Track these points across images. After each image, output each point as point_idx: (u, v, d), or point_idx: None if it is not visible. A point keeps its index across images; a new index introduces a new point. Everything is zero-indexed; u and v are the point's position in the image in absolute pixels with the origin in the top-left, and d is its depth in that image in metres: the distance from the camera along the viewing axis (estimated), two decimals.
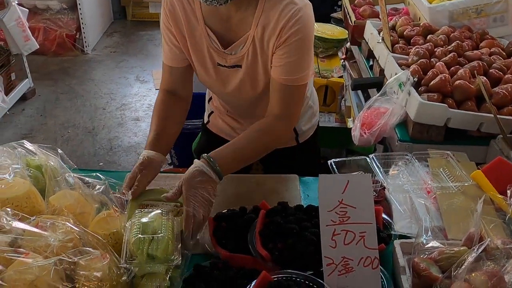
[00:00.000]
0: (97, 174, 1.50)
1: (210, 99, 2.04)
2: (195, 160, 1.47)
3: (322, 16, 4.00)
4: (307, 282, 1.22)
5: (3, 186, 1.35)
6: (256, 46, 1.58)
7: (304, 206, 1.49)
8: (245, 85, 1.69)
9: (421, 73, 2.01)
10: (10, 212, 1.26)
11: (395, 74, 2.05)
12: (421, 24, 2.42)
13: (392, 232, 1.46)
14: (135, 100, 5.01)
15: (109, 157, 4.15)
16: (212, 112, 2.05)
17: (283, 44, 1.52)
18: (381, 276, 1.26)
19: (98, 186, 1.46)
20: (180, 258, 1.27)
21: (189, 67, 1.74)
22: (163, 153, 1.61)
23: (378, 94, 2.07)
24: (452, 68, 2.03)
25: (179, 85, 1.76)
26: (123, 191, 1.46)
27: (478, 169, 1.62)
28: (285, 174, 1.83)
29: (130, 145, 4.31)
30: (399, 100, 1.95)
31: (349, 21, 2.92)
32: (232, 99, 1.83)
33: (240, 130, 1.91)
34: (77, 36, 5.96)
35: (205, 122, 2.12)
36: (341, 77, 3.10)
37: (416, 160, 1.69)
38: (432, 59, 2.11)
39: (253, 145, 1.60)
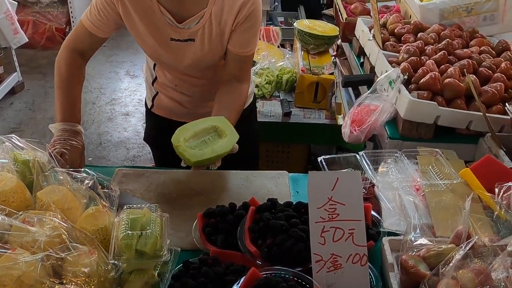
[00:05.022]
0: (86, 169, 1.48)
1: (154, 80, 2.07)
2: None
3: (314, 13, 4.00)
4: (295, 279, 1.22)
5: None
6: (212, 22, 1.73)
7: (294, 203, 1.49)
8: (198, 58, 1.82)
9: (411, 71, 2.02)
10: None
11: (386, 72, 2.05)
12: (412, 22, 2.42)
13: (381, 229, 1.46)
14: (125, 95, 4.99)
15: (98, 152, 4.12)
16: (156, 94, 2.10)
17: (242, 22, 1.73)
18: (370, 273, 1.27)
19: (86, 181, 1.44)
20: (169, 254, 1.27)
21: (105, 40, 1.86)
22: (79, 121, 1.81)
23: (368, 92, 2.07)
24: (442, 66, 2.03)
25: (90, 49, 1.89)
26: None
27: (467, 167, 1.63)
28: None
29: (119, 140, 4.29)
30: (389, 98, 1.95)
31: (340, 18, 2.92)
32: (184, 71, 1.91)
33: (188, 102, 2.04)
34: (66, 30, 5.91)
35: (149, 107, 2.18)
36: (331, 74, 3.10)
37: (405, 158, 1.69)
38: (422, 57, 2.11)
39: (229, 109, 1.81)
